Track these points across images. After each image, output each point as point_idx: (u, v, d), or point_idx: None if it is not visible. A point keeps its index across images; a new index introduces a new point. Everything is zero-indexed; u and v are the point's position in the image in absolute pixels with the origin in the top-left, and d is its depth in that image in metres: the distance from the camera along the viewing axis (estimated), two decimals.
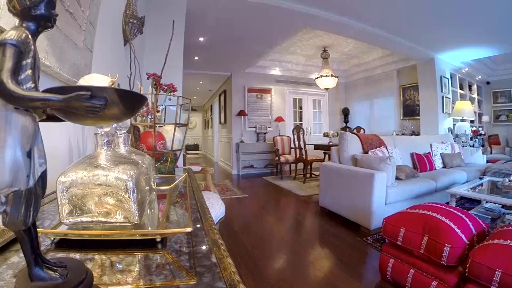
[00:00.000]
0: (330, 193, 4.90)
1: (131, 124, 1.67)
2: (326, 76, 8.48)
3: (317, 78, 8.74)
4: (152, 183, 1.07)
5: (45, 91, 0.51)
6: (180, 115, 2.01)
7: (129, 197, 0.75)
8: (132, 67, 2.31)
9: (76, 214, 0.74)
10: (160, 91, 2.04)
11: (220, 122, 11.94)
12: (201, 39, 6.45)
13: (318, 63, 9.98)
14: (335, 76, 8.63)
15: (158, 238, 0.76)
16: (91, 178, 0.73)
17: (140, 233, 0.77)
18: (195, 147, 19.34)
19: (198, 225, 0.94)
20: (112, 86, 0.81)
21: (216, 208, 2.68)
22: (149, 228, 0.86)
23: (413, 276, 2.48)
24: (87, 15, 1.69)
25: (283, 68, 10.26)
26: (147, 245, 0.76)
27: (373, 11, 5.44)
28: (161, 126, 2.02)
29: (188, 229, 0.76)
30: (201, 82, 11.24)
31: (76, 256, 0.70)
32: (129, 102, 0.64)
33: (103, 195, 0.74)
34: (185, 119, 2.09)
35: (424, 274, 2.41)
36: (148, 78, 2.07)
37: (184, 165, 5.21)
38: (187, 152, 17.52)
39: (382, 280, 2.80)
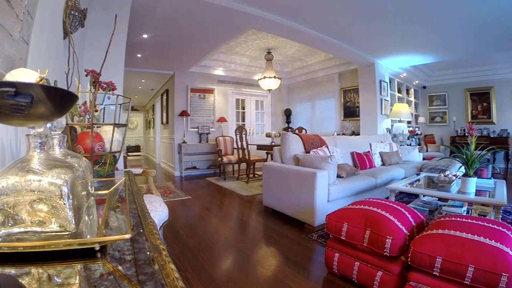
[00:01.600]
0: (274, 192, 4.94)
1: (67, 124, 1.58)
2: (269, 77, 8.57)
3: (261, 79, 8.83)
4: (89, 187, 1.00)
5: None
6: (119, 114, 1.92)
7: (64, 203, 0.69)
8: (71, 62, 2.19)
9: (9, 224, 0.67)
10: (99, 89, 1.94)
11: (162, 123, 11.65)
12: (145, 36, 6.22)
13: (262, 64, 10.10)
14: (278, 78, 8.76)
15: (97, 247, 0.70)
16: (23, 184, 0.66)
17: (78, 242, 0.71)
18: (137, 148, 18.66)
19: (140, 231, 0.89)
20: (40, 83, 0.75)
21: (159, 211, 2.61)
22: (88, 236, 0.80)
23: (359, 268, 2.58)
24: (26, 4, 1.56)
25: (227, 68, 10.24)
26: (86, 254, 0.70)
27: (320, 16, 5.59)
28: (100, 127, 1.92)
29: (127, 236, 0.72)
30: (143, 80, 10.89)
31: (12, 271, 0.63)
32: (58, 100, 0.59)
33: (36, 202, 0.68)
34: (125, 119, 2.01)
35: (369, 265, 2.52)
36: (86, 75, 1.96)
37: (125, 167, 5.04)
38: (128, 153, 16.95)
39: (329, 274, 2.88)
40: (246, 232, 4.28)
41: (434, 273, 2.04)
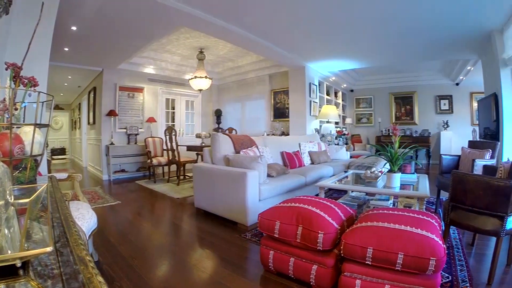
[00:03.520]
0: (205, 193, 4.92)
1: None
2: (201, 77, 8.52)
3: (191, 79, 8.74)
4: (8, 196, 0.91)
5: None
6: (42, 114, 1.77)
7: None
8: None
9: None
10: (19, 85, 1.77)
11: (88, 123, 10.90)
12: (74, 28, 5.77)
13: (193, 64, 9.98)
14: (209, 78, 8.73)
15: (18, 263, 0.63)
16: None
17: None
18: (62, 151, 17.25)
19: (63, 242, 0.82)
20: None
21: (86, 218, 2.47)
22: (9, 252, 0.72)
23: (294, 263, 2.65)
24: None
25: (157, 66, 9.96)
26: (8, 272, 0.63)
27: (255, 19, 5.69)
28: (19, 127, 1.76)
29: (49, 249, 0.64)
30: (69, 77, 10.10)
31: None
32: None
33: None
34: (48, 119, 1.85)
35: (304, 260, 2.59)
36: (6, 69, 1.78)
37: (49, 172, 4.73)
38: (53, 157, 15.83)
39: (265, 271, 2.93)
40: (179, 235, 4.21)
41: (366, 262, 2.18)
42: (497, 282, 2.64)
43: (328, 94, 11.00)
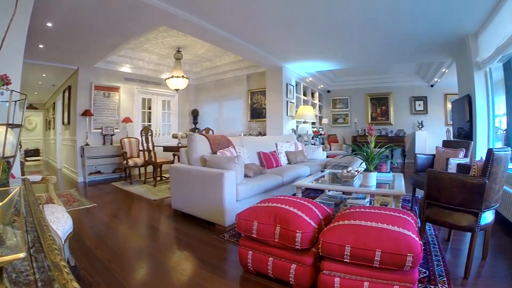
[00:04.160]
0: (182, 194, 4.88)
1: None
2: (178, 77, 8.46)
3: (168, 78, 8.66)
4: None
5: None
6: (14, 113, 1.72)
7: None
8: None
9: None
10: None
11: (63, 123, 10.58)
12: (50, 24, 5.57)
13: (171, 63, 9.93)
14: (186, 78, 8.69)
15: None
16: None
17: None
18: (36, 152, 16.69)
19: (37, 247, 0.80)
20: None
21: (62, 222, 2.41)
22: None
23: (273, 263, 2.66)
24: None
25: (134, 65, 9.84)
26: None
27: (233, 19, 5.68)
28: None
29: (21, 255, 0.62)
30: (44, 75, 9.76)
31: None
32: None
33: None
34: (21, 119, 1.80)
35: (283, 260, 2.61)
36: None
37: (23, 174, 4.60)
38: (27, 158, 15.30)
39: (245, 272, 2.94)
40: (157, 237, 4.16)
41: (345, 260, 2.21)
42: (473, 276, 2.74)
43: (305, 94, 11.11)
